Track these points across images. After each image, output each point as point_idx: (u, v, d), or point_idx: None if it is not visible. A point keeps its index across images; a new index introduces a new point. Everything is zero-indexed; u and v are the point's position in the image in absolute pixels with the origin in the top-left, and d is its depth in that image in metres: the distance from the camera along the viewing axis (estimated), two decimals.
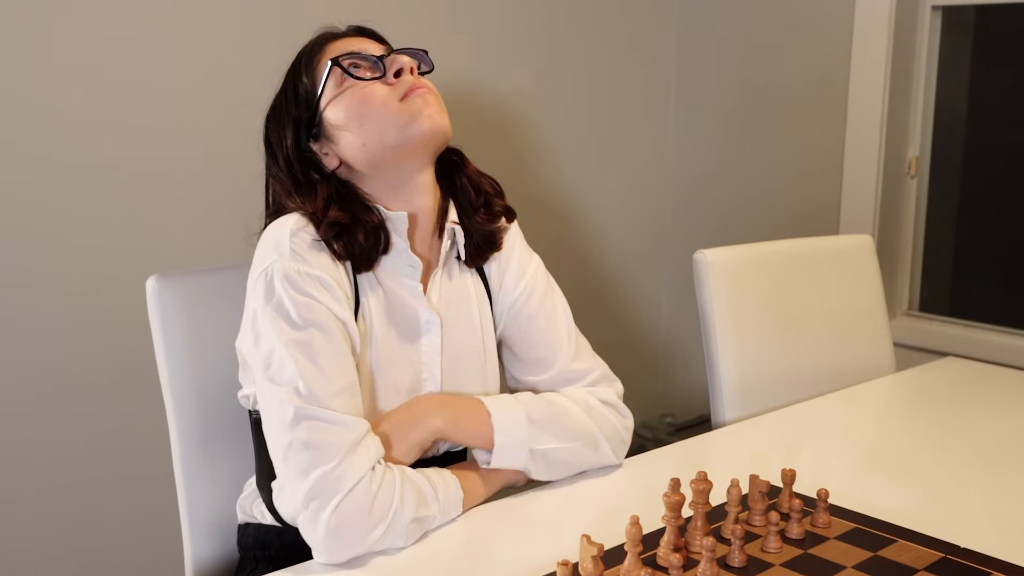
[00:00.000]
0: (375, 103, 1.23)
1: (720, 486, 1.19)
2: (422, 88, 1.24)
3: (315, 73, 1.27)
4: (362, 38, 1.31)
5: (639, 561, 1.03)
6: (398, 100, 1.23)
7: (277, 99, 1.32)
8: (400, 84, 1.24)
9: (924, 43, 2.67)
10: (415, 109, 1.22)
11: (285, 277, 1.16)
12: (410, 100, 1.23)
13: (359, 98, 1.23)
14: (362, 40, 1.31)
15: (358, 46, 1.28)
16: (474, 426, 1.25)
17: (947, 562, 1.08)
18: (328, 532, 1.09)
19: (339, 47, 1.28)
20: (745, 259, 1.84)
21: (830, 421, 1.67)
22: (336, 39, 1.30)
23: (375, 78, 1.25)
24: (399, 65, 1.24)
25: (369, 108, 1.23)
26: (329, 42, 1.30)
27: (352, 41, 1.30)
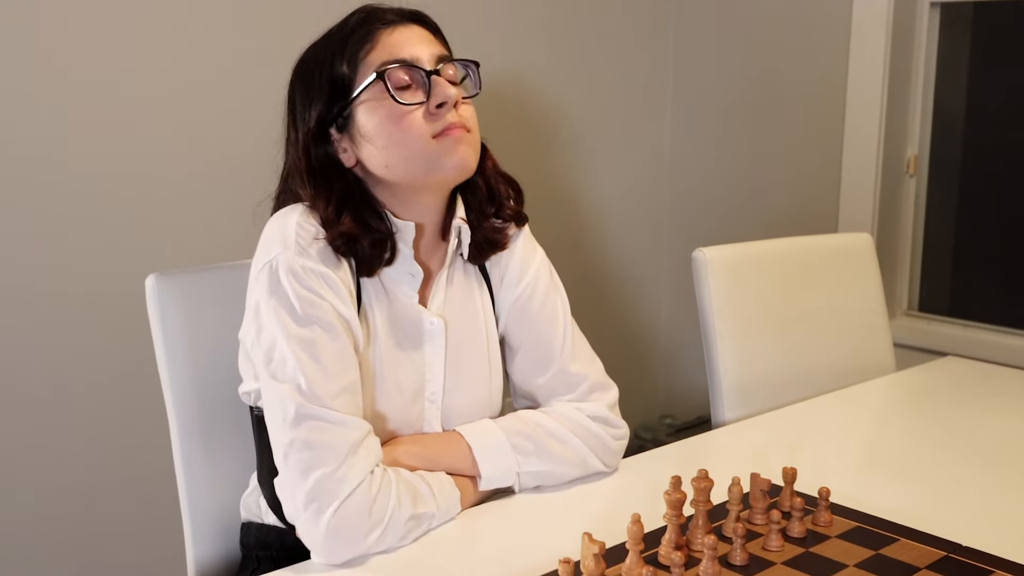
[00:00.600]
0: (410, 132, 1.18)
1: (721, 485, 1.19)
2: (459, 129, 1.20)
3: (357, 66, 1.20)
4: (416, 28, 1.24)
5: (641, 559, 1.03)
6: (432, 135, 1.19)
7: (310, 61, 1.25)
8: (439, 118, 1.19)
9: (923, 40, 2.67)
10: (446, 149, 1.19)
11: (290, 271, 1.15)
12: (444, 139, 1.19)
13: (395, 119, 1.19)
14: (416, 34, 1.23)
15: (409, 46, 1.21)
16: (451, 459, 1.25)
17: (949, 560, 1.08)
18: (327, 534, 1.09)
19: (389, 43, 1.20)
20: (744, 257, 1.84)
21: (830, 420, 1.67)
22: (388, 26, 1.22)
23: (417, 104, 1.19)
24: (444, 98, 1.18)
25: (402, 134, 1.19)
26: (380, 30, 1.21)
27: (404, 34, 1.22)
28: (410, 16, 1.25)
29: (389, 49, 1.20)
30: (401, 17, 1.24)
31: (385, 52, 1.20)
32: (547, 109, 2.80)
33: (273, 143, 1.34)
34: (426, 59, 1.21)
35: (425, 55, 1.21)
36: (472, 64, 1.27)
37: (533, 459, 1.28)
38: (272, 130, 1.35)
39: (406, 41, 1.21)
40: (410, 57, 1.20)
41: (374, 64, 1.20)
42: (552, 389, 1.36)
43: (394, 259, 1.23)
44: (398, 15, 1.24)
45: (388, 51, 1.20)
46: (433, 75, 1.20)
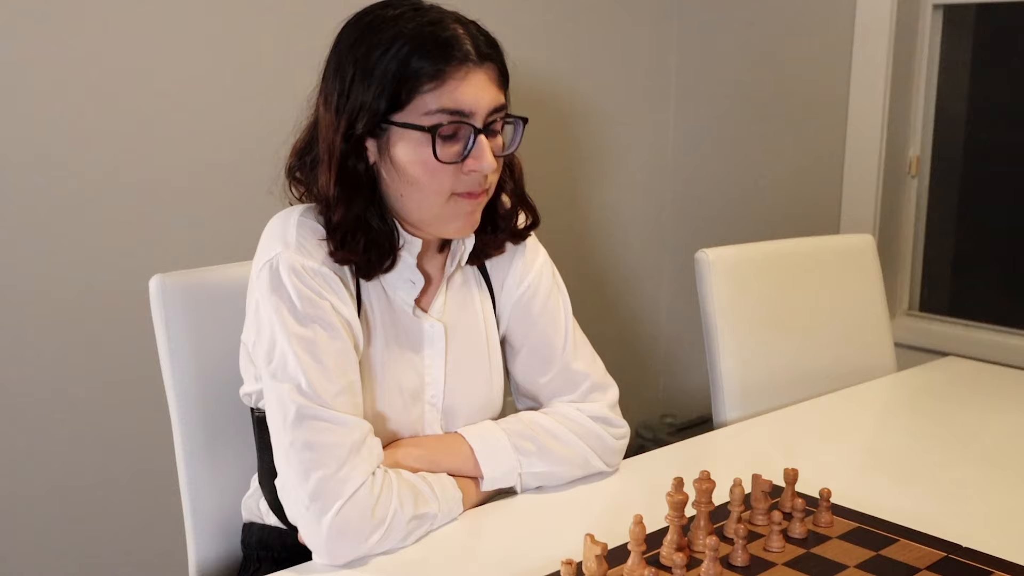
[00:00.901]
0: (433, 185, 1.17)
1: (722, 486, 1.19)
2: (479, 198, 1.20)
3: (412, 96, 1.14)
4: (486, 70, 1.18)
5: (643, 560, 1.04)
6: (452, 192, 1.18)
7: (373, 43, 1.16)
8: (467, 180, 1.18)
9: (925, 42, 2.67)
10: (456, 214, 1.20)
11: (291, 270, 1.15)
12: (460, 202, 1.19)
13: (427, 167, 1.16)
14: (484, 78, 1.17)
15: (472, 95, 1.15)
16: (453, 460, 1.25)
17: (949, 561, 1.09)
18: (330, 535, 1.09)
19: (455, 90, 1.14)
20: (747, 258, 1.84)
21: (831, 421, 1.67)
22: (461, 67, 1.15)
23: (452, 162, 1.16)
24: (477, 168, 1.16)
25: (427, 182, 1.17)
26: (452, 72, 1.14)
27: (472, 82, 1.15)
28: (484, 55, 1.18)
29: (451, 95, 1.14)
30: (478, 56, 1.16)
31: (445, 97, 1.14)
32: (549, 109, 2.80)
33: (277, 144, 1.34)
34: (482, 111, 1.17)
35: (483, 106, 1.17)
36: (521, 121, 1.24)
37: (535, 460, 1.29)
38: (276, 131, 1.35)
39: (471, 89, 1.16)
40: (467, 109, 1.15)
41: (431, 106, 1.14)
42: (554, 388, 1.37)
43: (394, 267, 1.24)
44: (473, 52, 1.16)
45: (449, 97, 1.14)
46: (480, 135, 1.17)
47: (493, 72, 1.19)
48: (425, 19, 1.16)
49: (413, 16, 1.17)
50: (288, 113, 1.30)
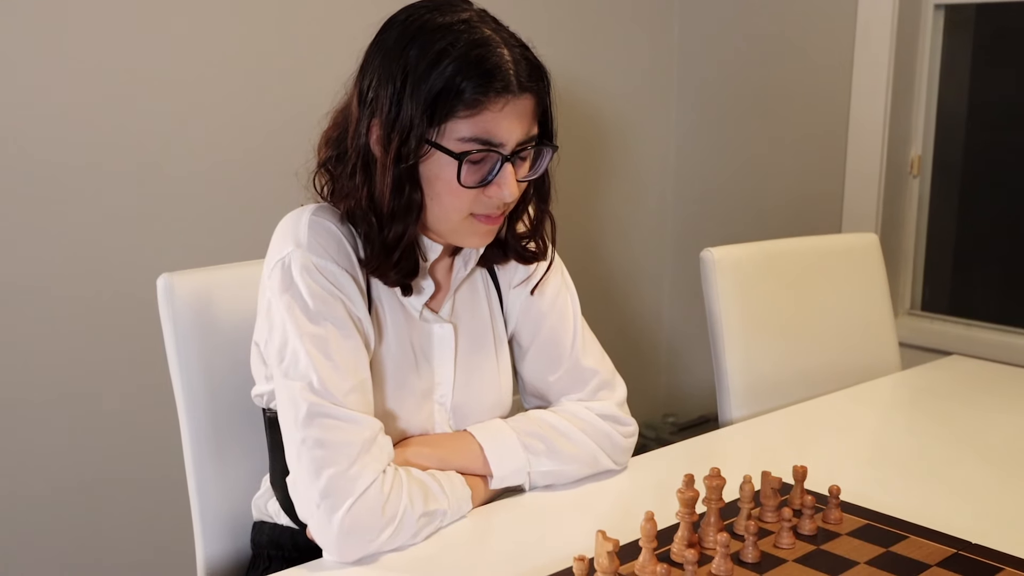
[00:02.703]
0: (454, 205, 1.17)
1: (732, 483, 1.19)
2: (496, 222, 1.21)
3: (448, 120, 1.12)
4: (526, 100, 1.16)
5: (654, 557, 1.04)
6: (470, 211, 1.18)
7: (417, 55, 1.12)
8: (486, 203, 1.17)
9: (927, 42, 2.68)
10: (472, 232, 1.20)
11: (303, 268, 1.16)
12: (476, 222, 1.19)
13: (450, 188, 1.15)
14: (521, 109, 1.15)
15: (506, 126, 1.14)
16: (462, 459, 1.25)
17: (959, 557, 1.09)
18: (340, 533, 1.09)
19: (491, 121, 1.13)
20: (752, 257, 1.84)
21: (837, 419, 1.67)
22: (502, 98, 1.13)
23: (475, 186, 1.16)
24: (498, 197, 1.16)
25: (448, 200, 1.16)
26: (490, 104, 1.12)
27: (508, 113, 1.14)
28: (526, 85, 1.15)
29: (485, 126, 1.13)
30: (519, 87, 1.14)
31: (479, 127, 1.13)
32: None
33: (287, 143, 1.34)
34: (513, 142, 1.16)
35: (514, 138, 1.16)
36: (552, 148, 1.24)
37: (544, 458, 1.29)
38: (284, 131, 1.36)
39: (506, 122, 1.14)
40: (499, 140, 1.14)
41: (464, 133, 1.13)
42: (563, 386, 1.37)
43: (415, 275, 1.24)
44: (515, 81, 1.14)
45: (483, 127, 1.13)
46: (506, 163, 1.16)
47: (531, 103, 1.17)
48: (474, 37, 1.13)
49: (462, 31, 1.14)
50: (297, 112, 1.31)
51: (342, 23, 2.23)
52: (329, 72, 1.27)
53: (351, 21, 2.25)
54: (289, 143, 2.10)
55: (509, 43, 1.16)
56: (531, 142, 1.19)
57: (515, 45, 1.17)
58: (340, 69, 1.25)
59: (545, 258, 1.35)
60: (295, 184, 1.28)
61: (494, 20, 1.20)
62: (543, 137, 1.23)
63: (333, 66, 1.26)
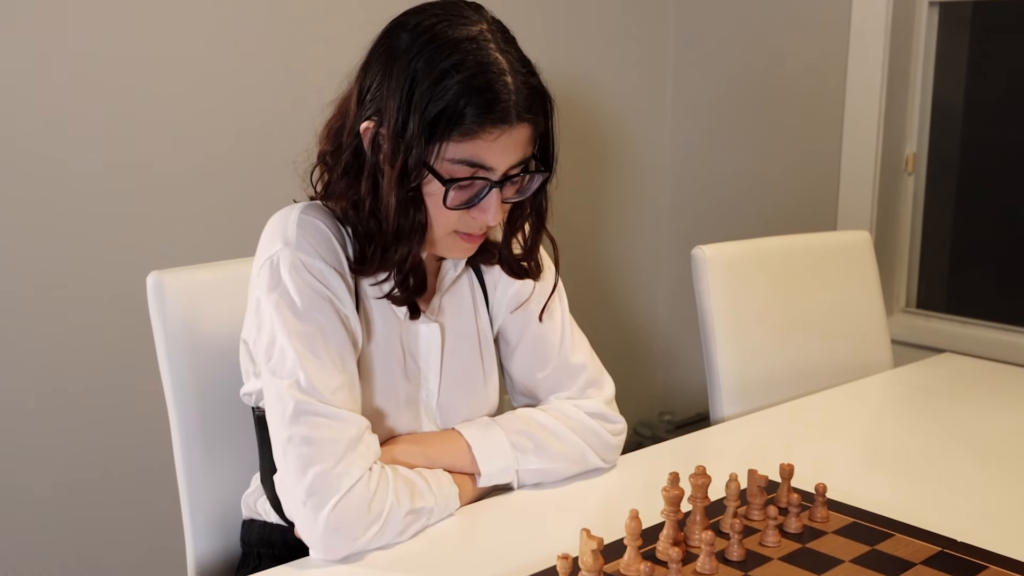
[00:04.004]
0: (438, 221, 1.18)
1: (719, 481, 1.19)
2: (476, 241, 1.22)
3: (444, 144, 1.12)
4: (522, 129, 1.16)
5: (639, 555, 1.04)
6: (454, 229, 1.19)
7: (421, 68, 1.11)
8: (469, 223, 1.19)
9: (921, 39, 2.68)
10: (455, 247, 1.22)
11: (292, 266, 1.16)
12: (459, 239, 1.21)
13: (436, 205, 1.16)
14: (516, 138, 1.15)
15: (499, 153, 1.14)
16: (450, 457, 1.25)
17: (944, 556, 1.09)
18: (326, 530, 1.09)
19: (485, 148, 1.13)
20: (744, 255, 1.84)
21: (828, 417, 1.68)
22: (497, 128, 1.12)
23: (460, 208, 1.16)
24: (481, 220, 1.17)
25: (433, 217, 1.17)
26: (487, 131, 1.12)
27: (505, 143, 1.14)
28: (526, 117, 1.15)
29: (477, 152, 1.13)
30: (517, 117, 1.14)
31: (471, 152, 1.13)
32: None
33: (277, 141, 1.35)
34: (503, 168, 1.16)
35: (505, 164, 1.16)
36: (546, 176, 1.24)
37: (532, 457, 1.29)
38: (275, 129, 1.36)
39: (498, 150, 1.14)
40: (489, 165, 1.15)
41: (455, 154, 1.13)
42: (552, 384, 1.37)
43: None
44: (515, 111, 1.13)
45: (474, 153, 1.13)
46: (494, 188, 1.16)
47: (527, 132, 1.17)
48: (480, 59, 1.12)
49: (470, 51, 1.12)
50: (289, 109, 1.31)
51: (335, 21, 2.23)
52: (322, 70, 1.28)
53: (345, 19, 2.25)
54: (280, 141, 2.10)
55: (514, 68, 1.15)
56: (523, 165, 1.19)
57: (520, 71, 1.15)
58: (334, 67, 1.26)
59: (537, 278, 1.35)
60: (285, 182, 1.28)
61: (504, 35, 1.18)
62: (542, 158, 1.23)
63: (326, 64, 1.26)
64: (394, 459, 1.22)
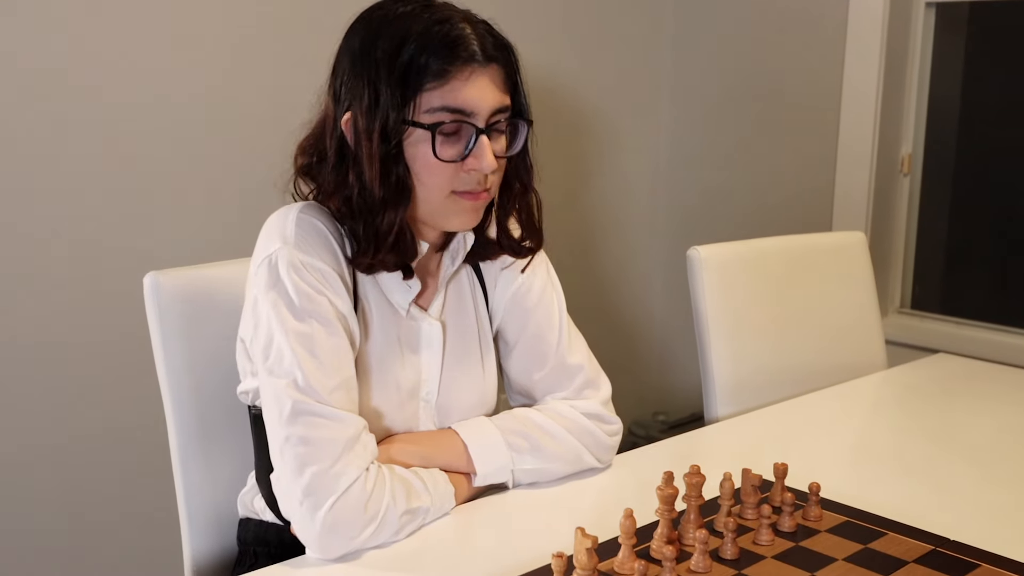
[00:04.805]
0: (434, 182, 1.18)
1: (713, 481, 1.20)
2: (480, 197, 1.21)
3: (420, 94, 1.15)
4: (493, 71, 1.18)
5: (633, 553, 1.05)
6: (452, 190, 1.19)
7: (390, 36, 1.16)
8: (467, 178, 1.19)
9: (918, 40, 2.69)
10: (457, 210, 1.21)
11: (290, 265, 1.16)
12: (461, 200, 1.20)
13: (427, 164, 1.17)
14: (489, 79, 1.18)
15: (475, 95, 1.16)
16: (447, 456, 1.26)
17: (936, 554, 1.10)
18: (323, 530, 1.10)
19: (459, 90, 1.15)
20: (738, 256, 1.85)
21: (822, 417, 1.68)
22: (466, 67, 1.15)
23: (452, 160, 1.18)
24: (478, 168, 1.18)
25: (427, 179, 1.18)
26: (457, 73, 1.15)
27: (476, 83, 1.16)
28: (491, 56, 1.18)
29: (454, 94, 1.15)
30: (484, 57, 1.17)
31: (448, 96, 1.15)
32: (544, 109, 2.80)
33: (273, 141, 1.35)
34: (484, 111, 1.17)
35: (485, 107, 1.17)
36: (527, 123, 1.25)
37: (527, 456, 1.29)
38: (271, 129, 1.36)
39: (474, 90, 1.16)
40: (469, 108, 1.16)
41: (434, 103, 1.15)
42: (549, 384, 1.38)
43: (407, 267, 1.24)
44: (480, 52, 1.17)
45: (452, 96, 1.15)
46: (482, 135, 1.18)
47: (499, 74, 1.19)
48: (434, 17, 1.17)
49: (422, 12, 1.17)
50: (284, 110, 1.31)
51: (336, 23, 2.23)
52: (319, 69, 1.28)
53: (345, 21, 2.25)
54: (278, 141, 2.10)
55: (471, 19, 1.20)
56: (504, 113, 1.21)
57: (477, 22, 1.20)
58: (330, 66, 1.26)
59: (540, 244, 1.35)
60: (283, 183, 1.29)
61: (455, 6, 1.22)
62: (516, 113, 1.24)
63: (323, 63, 1.27)
64: (391, 458, 1.22)
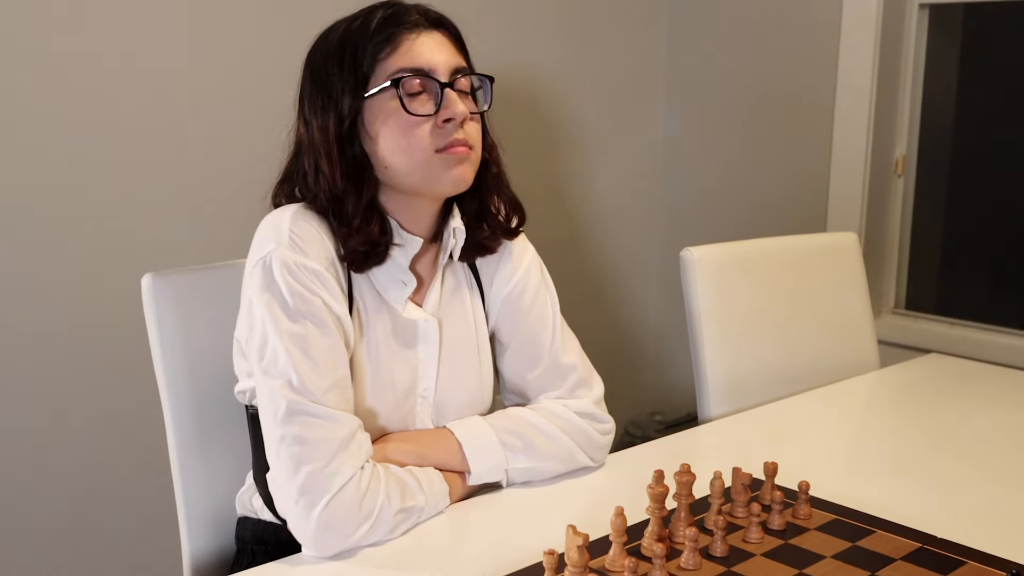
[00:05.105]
0: (415, 144, 1.21)
1: (705, 479, 1.21)
2: (462, 148, 1.23)
3: (375, 66, 1.21)
4: (438, 35, 1.25)
5: (623, 551, 1.06)
6: (436, 149, 1.21)
7: (337, 43, 1.24)
8: (445, 133, 1.22)
9: (911, 42, 2.70)
10: (446, 165, 1.23)
11: (284, 266, 1.18)
12: (446, 155, 1.22)
13: (402, 128, 1.21)
14: (437, 41, 1.24)
15: (428, 54, 1.22)
16: (441, 455, 1.28)
17: (923, 552, 1.11)
18: (318, 528, 1.12)
19: (410, 50, 1.21)
20: (731, 257, 1.87)
21: (814, 416, 1.70)
22: (413, 30, 1.22)
23: (426, 116, 1.21)
24: (452, 114, 1.21)
25: (407, 144, 1.21)
26: (403, 34, 1.22)
27: (425, 42, 1.22)
28: (434, 21, 1.26)
29: (409, 56, 1.21)
30: (426, 21, 1.24)
31: (404, 58, 1.21)
32: (539, 109, 2.82)
33: (270, 143, 1.36)
34: (442, 69, 1.22)
35: (442, 65, 1.22)
36: (487, 79, 1.29)
37: (521, 456, 1.31)
38: (269, 130, 1.37)
39: (426, 48, 1.22)
40: (427, 66, 1.21)
41: (392, 68, 1.21)
42: (542, 384, 1.39)
43: (384, 262, 1.26)
44: (423, 18, 1.24)
45: (407, 57, 1.21)
46: (446, 88, 1.22)
47: (447, 36, 1.26)
48: (373, 9, 1.25)
49: (362, 21, 1.25)
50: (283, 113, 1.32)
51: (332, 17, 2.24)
52: None
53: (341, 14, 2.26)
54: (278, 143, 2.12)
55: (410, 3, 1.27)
56: (463, 74, 1.25)
57: (416, 4, 1.27)
58: None
59: (524, 218, 1.39)
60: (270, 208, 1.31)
61: None
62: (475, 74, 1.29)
63: None
64: (386, 457, 1.24)
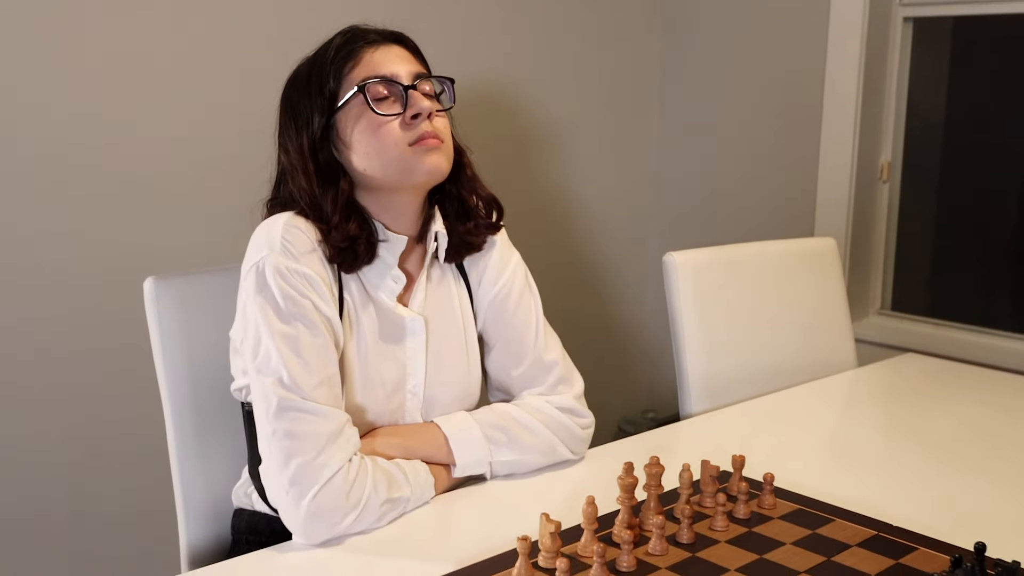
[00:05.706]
0: (387, 141, 1.30)
1: (675, 471, 1.28)
2: (433, 139, 1.31)
3: (341, 81, 1.32)
4: (396, 48, 1.36)
5: (595, 537, 1.13)
6: (408, 144, 1.30)
7: (303, 75, 1.36)
8: (415, 128, 1.30)
9: (896, 53, 2.77)
10: (420, 157, 1.31)
11: (276, 271, 1.25)
12: (418, 148, 1.31)
13: (373, 129, 1.30)
14: (396, 53, 1.35)
15: (389, 64, 1.33)
16: (428, 448, 1.34)
17: (878, 539, 1.18)
18: (307, 517, 1.18)
19: (371, 61, 1.32)
20: (712, 261, 1.93)
21: (788, 412, 1.76)
22: (372, 46, 1.34)
23: (394, 115, 1.30)
24: (418, 109, 1.30)
25: (379, 142, 1.30)
26: (363, 49, 1.33)
27: (386, 54, 1.34)
28: (391, 36, 1.37)
29: (371, 66, 1.32)
30: (383, 37, 1.36)
31: (367, 69, 1.32)
32: (535, 113, 2.87)
33: (270, 150, 1.43)
34: (404, 75, 1.33)
35: (403, 72, 1.33)
36: (447, 80, 1.39)
37: (505, 449, 1.38)
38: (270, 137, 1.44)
39: (386, 59, 1.33)
40: (389, 73, 1.32)
41: (357, 78, 1.32)
42: (526, 380, 1.46)
43: (373, 259, 1.33)
44: (380, 35, 1.36)
45: (370, 68, 1.32)
46: (410, 89, 1.32)
47: (405, 48, 1.37)
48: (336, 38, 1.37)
49: (325, 47, 1.37)
50: None
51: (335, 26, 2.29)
52: None
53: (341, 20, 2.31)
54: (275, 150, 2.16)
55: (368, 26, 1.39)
56: (424, 78, 1.35)
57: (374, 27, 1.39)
58: None
59: (502, 212, 1.48)
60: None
61: None
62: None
63: None
64: (374, 450, 1.30)
